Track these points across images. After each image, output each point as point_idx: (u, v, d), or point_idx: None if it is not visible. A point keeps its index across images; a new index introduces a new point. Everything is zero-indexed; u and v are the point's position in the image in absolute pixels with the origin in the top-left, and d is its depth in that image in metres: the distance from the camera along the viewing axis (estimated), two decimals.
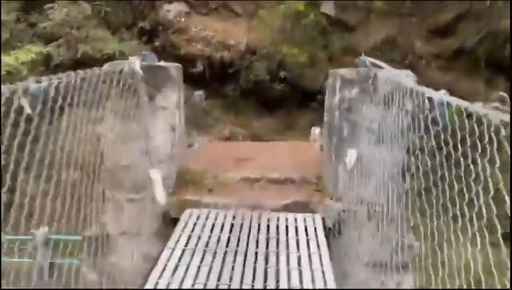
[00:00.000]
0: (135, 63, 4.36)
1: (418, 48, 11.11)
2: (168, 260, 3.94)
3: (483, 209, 2.32)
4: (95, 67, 3.98)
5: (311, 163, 6.11)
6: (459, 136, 2.75)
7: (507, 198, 1.99)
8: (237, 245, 4.22)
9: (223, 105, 10.93)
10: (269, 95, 10.71)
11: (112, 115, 4.53)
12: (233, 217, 4.76)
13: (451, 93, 3.39)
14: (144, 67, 4.66)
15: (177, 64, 5.63)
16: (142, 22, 10.59)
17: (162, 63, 5.23)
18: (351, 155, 4.66)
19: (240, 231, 4.50)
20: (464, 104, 2.64)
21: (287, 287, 3.53)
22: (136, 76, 4.34)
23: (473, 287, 2.49)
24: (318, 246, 4.32)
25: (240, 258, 3.98)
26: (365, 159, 4.71)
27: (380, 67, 4.65)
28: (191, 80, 10.72)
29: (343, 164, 4.92)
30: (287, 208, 4.99)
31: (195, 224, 4.68)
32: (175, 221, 4.81)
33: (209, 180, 5.54)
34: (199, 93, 10.64)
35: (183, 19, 10.55)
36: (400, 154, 4.42)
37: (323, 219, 4.84)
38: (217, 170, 5.84)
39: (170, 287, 3.54)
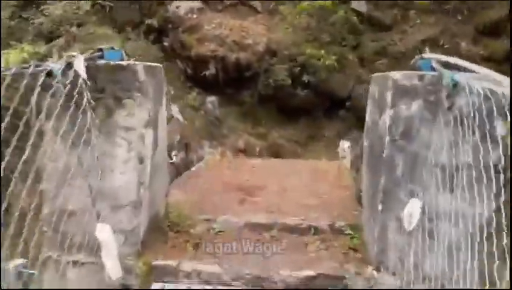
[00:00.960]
0: (77, 61, 2.51)
1: (464, 49, 8.93)
2: None
3: None
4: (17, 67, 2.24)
5: (342, 198, 4.19)
6: None
7: None
8: None
9: (238, 113, 9.47)
10: (291, 102, 9.16)
11: (53, 138, 2.72)
12: None
13: None
14: (94, 68, 2.81)
15: (155, 64, 3.78)
16: (150, 19, 8.81)
17: (126, 62, 3.39)
18: (412, 208, 2.70)
19: None
20: None
21: None
22: (79, 81, 2.50)
23: None
24: None
25: None
26: (432, 213, 2.76)
27: (460, 68, 2.65)
28: (203, 85, 8.91)
29: (396, 220, 2.95)
30: (309, 284, 3.05)
31: None
32: None
33: (198, 228, 3.67)
34: (212, 100, 8.79)
35: (194, 16, 8.79)
36: (487, 206, 2.61)
37: None
38: (214, 206, 3.98)
39: None
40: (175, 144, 8.75)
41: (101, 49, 3.28)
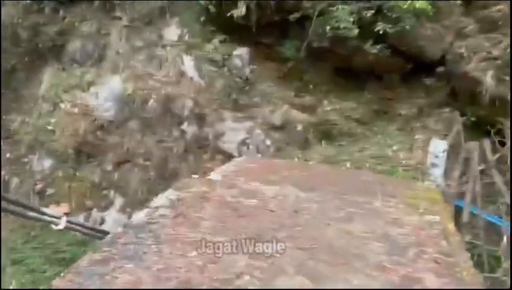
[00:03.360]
0: None
1: None
2: None
3: None
4: None
5: None
6: None
7: None
8: None
9: (277, 73, 6.97)
10: (355, 62, 6.75)
11: None
12: None
13: None
14: None
15: None
16: None
17: None
18: None
19: None
20: None
21: None
22: None
23: None
24: None
25: None
26: None
27: None
28: (230, 30, 6.40)
29: None
30: None
31: None
32: None
33: None
34: (240, 52, 6.29)
35: None
36: None
37: None
38: None
39: None
40: (184, 114, 6.43)
41: None
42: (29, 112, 6.62)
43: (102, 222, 6.29)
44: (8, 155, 6.62)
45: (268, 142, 6.29)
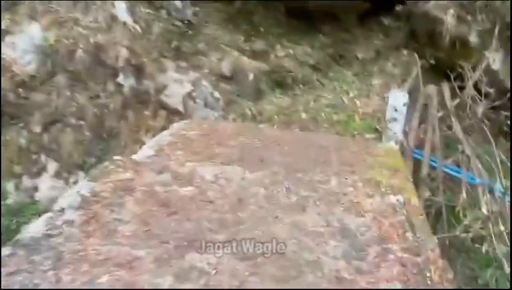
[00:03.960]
0: None
1: None
2: None
3: None
4: None
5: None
6: None
7: None
8: None
9: (223, 15, 6.31)
10: (309, 1, 6.11)
11: None
12: None
13: None
14: None
15: None
16: None
17: None
18: None
19: None
20: None
21: None
22: None
23: None
24: None
25: None
26: None
27: None
28: None
29: None
30: None
31: None
32: None
33: None
34: None
35: None
36: None
37: None
38: None
39: None
40: (118, 65, 5.72)
41: None
42: None
43: (36, 189, 5.69)
44: None
45: (217, 94, 5.75)
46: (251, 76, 6.04)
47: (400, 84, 5.22)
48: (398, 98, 4.30)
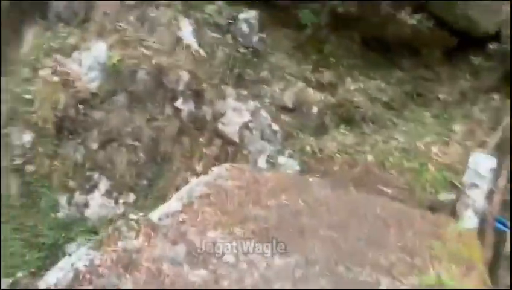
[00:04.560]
0: None
1: None
2: None
3: None
4: None
5: None
6: None
7: None
8: None
9: (292, 42, 6.06)
10: (388, 32, 5.91)
11: None
12: None
13: None
14: None
15: None
16: None
17: None
18: None
19: None
20: None
21: None
22: None
23: None
24: None
25: None
26: None
27: None
28: None
29: None
30: None
31: None
32: None
33: None
34: (248, 16, 5.41)
35: None
36: None
37: None
38: None
39: None
40: (178, 89, 5.59)
41: None
42: (9, 77, 5.98)
43: (87, 205, 5.74)
44: None
45: (275, 126, 5.43)
46: (315, 109, 5.68)
47: (483, 144, 4.51)
48: (481, 161, 3.62)
